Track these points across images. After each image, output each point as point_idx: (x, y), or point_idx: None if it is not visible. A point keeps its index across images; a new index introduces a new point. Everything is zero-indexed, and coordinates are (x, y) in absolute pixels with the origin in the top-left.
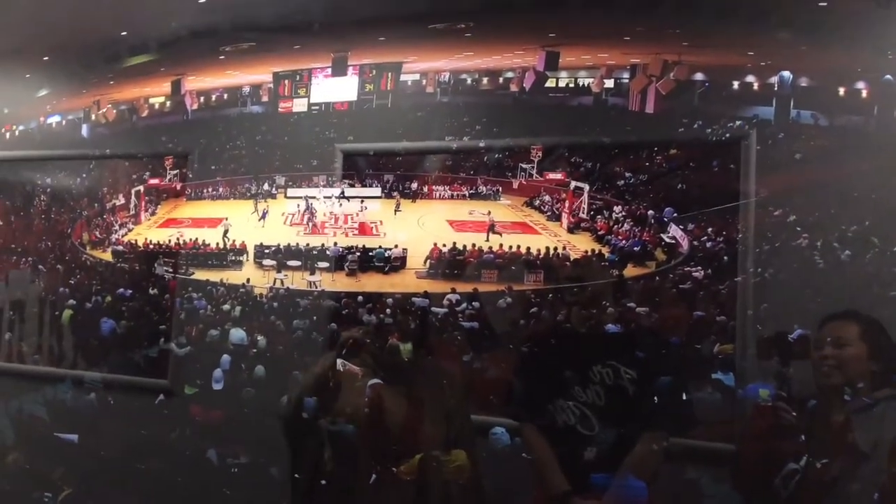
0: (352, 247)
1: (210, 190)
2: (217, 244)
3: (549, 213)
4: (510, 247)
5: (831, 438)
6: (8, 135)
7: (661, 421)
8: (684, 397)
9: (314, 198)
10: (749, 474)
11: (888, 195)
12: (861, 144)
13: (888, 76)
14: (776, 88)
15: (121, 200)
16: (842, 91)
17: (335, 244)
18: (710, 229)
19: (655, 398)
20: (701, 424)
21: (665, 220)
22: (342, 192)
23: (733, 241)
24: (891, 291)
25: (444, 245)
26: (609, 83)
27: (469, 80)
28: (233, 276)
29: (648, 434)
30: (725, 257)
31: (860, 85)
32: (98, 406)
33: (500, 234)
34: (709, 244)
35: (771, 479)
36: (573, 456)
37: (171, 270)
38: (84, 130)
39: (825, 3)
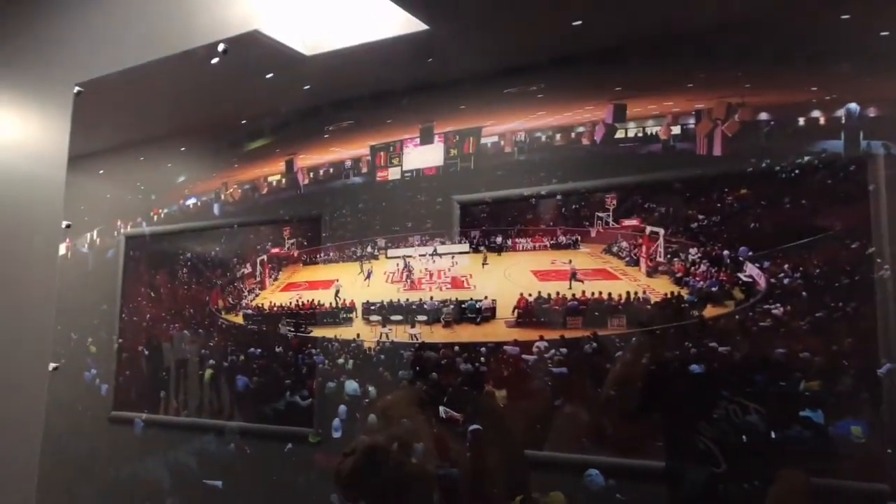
0: (446, 300)
1: (322, 255)
2: (330, 304)
3: (627, 259)
4: (592, 293)
5: None
6: (156, 217)
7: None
8: (772, 435)
9: (411, 256)
10: None
11: None
12: None
13: None
14: (843, 121)
15: (248, 269)
16: None
17: (431, 298)
18: (785, 266)
19: (744, 437)
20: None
21: (740, 259)
22: (435, 250)
23: (811, 276)
24: None
25: (530, 294)
26: (676, 130)
27: (543, 138)
28: (345, 332)
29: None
30: (804, 293)
31: None
32: (237, 454)
33: (582, 282)
34: (786, 280)
35: None
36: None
37: (292, 329)
38: (215, 209)
39: (887, 33)
